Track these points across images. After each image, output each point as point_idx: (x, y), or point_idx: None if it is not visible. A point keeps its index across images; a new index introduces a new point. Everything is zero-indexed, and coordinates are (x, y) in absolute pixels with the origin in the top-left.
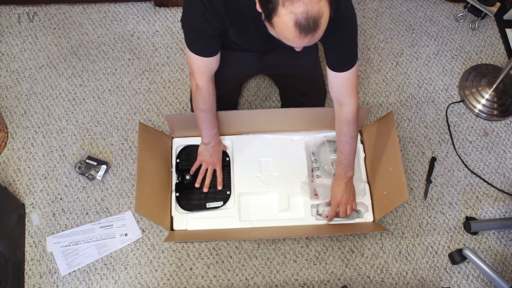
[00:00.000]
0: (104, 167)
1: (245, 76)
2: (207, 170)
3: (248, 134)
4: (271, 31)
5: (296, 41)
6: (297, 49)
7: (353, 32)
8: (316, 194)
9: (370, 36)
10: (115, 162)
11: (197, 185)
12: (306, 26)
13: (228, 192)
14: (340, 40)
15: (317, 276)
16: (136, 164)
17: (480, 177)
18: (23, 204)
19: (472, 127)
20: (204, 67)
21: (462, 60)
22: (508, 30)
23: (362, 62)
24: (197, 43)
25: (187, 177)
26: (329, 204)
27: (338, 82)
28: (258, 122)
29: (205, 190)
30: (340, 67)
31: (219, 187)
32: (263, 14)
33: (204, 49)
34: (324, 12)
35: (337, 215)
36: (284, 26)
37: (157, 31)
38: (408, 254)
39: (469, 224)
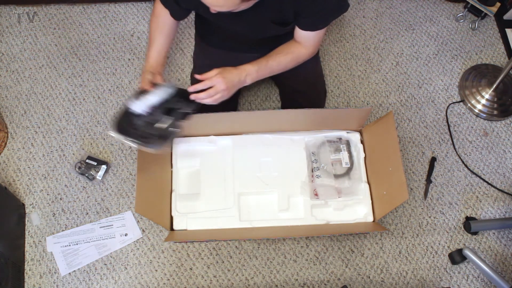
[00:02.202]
0: (104, 167)
1: None
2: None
3: (248, 134)
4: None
5: (234, 4)
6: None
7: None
8: (316, 194)
9: (370, 36)
10: (115, 162)
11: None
12: None
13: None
14: (314, 4)
15: (317, 276)
16: (136, 164)
17: (480, 177)
18: (23, 204)
19: (472, 127)
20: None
21: (462, 60)
22: (508, 30)
23: (362, 62)
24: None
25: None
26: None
27: (305, 37)
28: (258, 122)
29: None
30: (306, 27)
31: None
32: None
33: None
34: None
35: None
36: None
37: None
38: (408, 254)
39: (469, 224)
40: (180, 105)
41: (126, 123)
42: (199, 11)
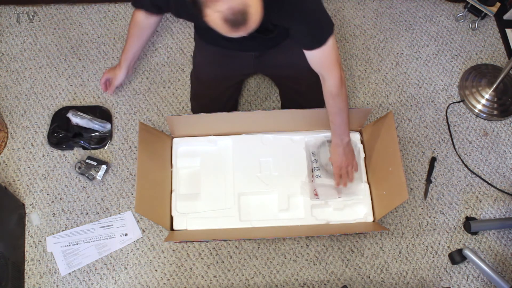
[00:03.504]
0: (104, 167)
1: (242, 76)
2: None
3: (248, 134)
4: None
5: (233, 34)
6: None
7: (316, 5)
8: (316, 194)
9: (370, 36)
10: (115, 162)
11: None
12: (234, 21)
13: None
14: (303, 18)
15: (317, 276)
16: (136, 164)
17: (480, 177)
18: (23, 204)
19: (472, 127)
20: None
21: (462, 60)
22: (508, 30)
23: (362, 62)
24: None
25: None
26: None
27: (314, 60)
28: (258, 122)
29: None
30: (309, 46)
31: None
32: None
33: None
34: (250, 1)
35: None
36: (215, 24)
37: (157, 31)
38: (408, 254)
39: (469, 224)
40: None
41: None
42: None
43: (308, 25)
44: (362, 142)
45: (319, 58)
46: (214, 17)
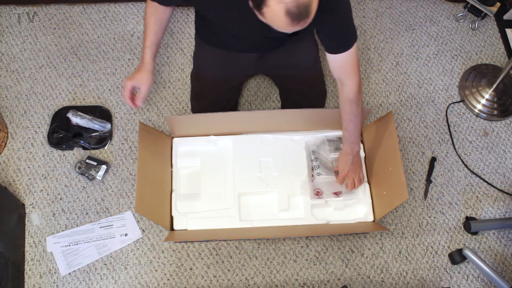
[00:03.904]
0: (104, 167)
1: (244, 76)
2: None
3: (248, 134)
4: (261, 18)
5: (288, 28)
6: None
7: (347, 12)
8: (316, 194)
9: (370, 36)
10: (115, 162)
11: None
12: (297, 14)
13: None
14: (334, 23)
15: (317, 276)
16: (136, 164)
17: (480, 177)
18: (23, 204)
19: (472, 127)
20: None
21: (462, 60)
22: (508, 30)
23: (362, 62)
24: None
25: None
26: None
27: (336, 64)
28: (258, 122)
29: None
30: (335, 49)
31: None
32: (251, 3)
33: None
34: None
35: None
36: (275, 16)
37: None
38: (408, 254)
39: (469, 224)
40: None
41: None
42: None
43: (338, 30)
44: (362, 142)
45: (342, 62)
46: (277, 8)
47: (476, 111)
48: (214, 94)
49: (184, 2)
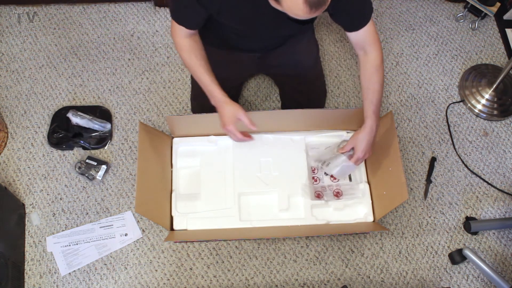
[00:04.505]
0: (104, 167)
1: (244, 77)
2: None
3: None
4: (276, 6)
5: (306, 16)
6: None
7: None
8: (317, 196)
9: None
10: (115, 162)
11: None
12: (316, 1)
13: None
14: (349, 2)
15: (317, 276)
16: (136, 164)
17: (480, 177)
18: (23, 204)
19: (472, 127)
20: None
21: (462, 60)
22: (508, 30)
23: None
24: (182, 11)
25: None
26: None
27: (359, 39)
28: (258, 122)
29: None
30: (356, 27)
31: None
32: None
33: (186, 19)
34: None
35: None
36: (294, 4)
37: (157, 31)
38: (408, 254)
39: (469, 224)
40: None
41: None
42: (216, 12)
43: (354, 8)
44: None
45: (364, 36)
46: None
47: (476, 111)
48: None
49: (212, 16)
